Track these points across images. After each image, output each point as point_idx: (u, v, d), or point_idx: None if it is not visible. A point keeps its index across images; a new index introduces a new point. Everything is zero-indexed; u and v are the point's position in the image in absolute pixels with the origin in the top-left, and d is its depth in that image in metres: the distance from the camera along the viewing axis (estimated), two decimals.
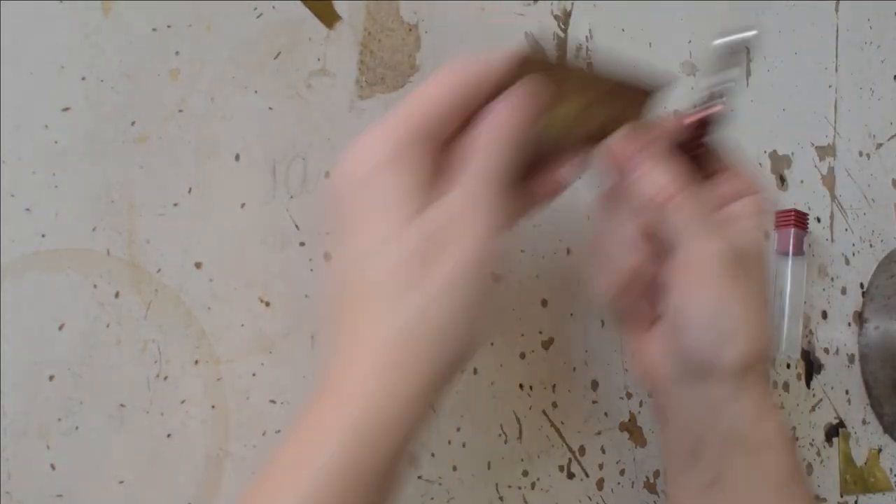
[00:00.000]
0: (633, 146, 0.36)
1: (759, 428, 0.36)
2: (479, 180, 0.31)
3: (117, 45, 0.34)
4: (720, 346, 0.35)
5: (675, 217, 0.35)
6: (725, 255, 0.35)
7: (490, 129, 0.32)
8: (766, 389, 0.37)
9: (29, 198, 0.32)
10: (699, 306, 0.35)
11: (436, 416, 0.40)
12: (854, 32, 0.57)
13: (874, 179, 0.58)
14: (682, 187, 0.35)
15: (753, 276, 0.36)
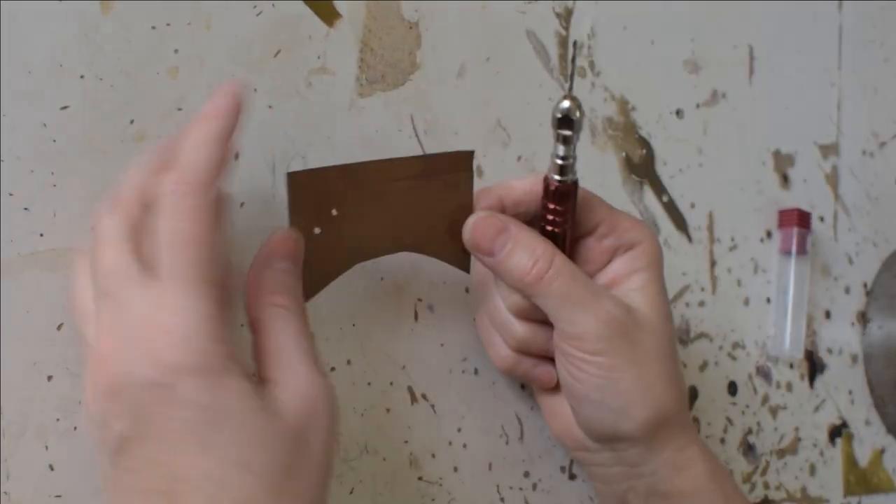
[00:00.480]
0: (491, 228, 0.34)
1: (680, 481, 0.36)
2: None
3: (116, 43, 0.34)
4: (615, 421, 0.35)
5: (546, 296, 0.34)
6: (603, 329, 0.34)
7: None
8: (684, 441, 0.36)
9: (27, 197, 0.32)
10: (583, 386, 0.35)
11: (437, 418, 0.40)
12: (857, 31, 0.57)
13: (878, 178, 0.58)
14: (549, 262, 0.34)
15: (645, 337, 0.35)
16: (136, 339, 0.27)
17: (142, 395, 0.26)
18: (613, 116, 0.46)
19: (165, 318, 0.27)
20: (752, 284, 0.51)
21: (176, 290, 0.27)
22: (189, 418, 0.26)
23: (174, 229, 0.28)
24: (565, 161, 0.34)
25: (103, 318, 0.28)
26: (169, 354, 0.26)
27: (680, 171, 0.49)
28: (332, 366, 0.37)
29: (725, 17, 0.51)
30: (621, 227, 0.36)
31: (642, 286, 0.35)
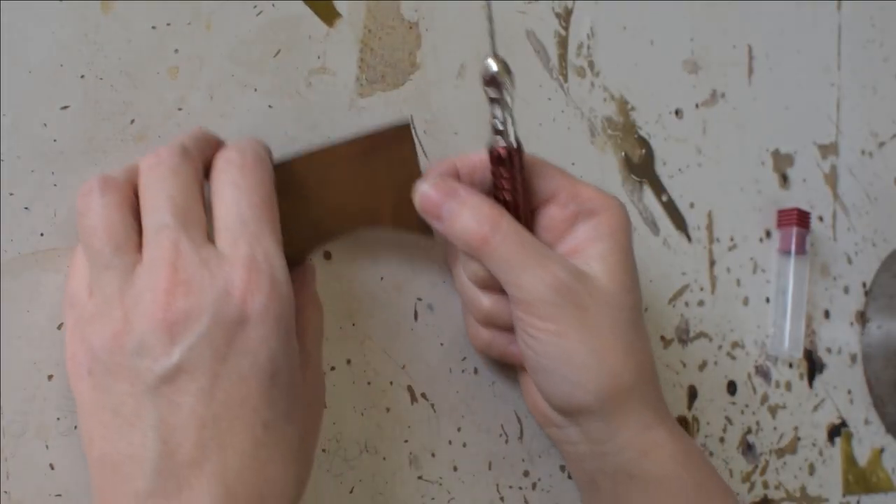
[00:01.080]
0: (439, 193, 0.34)
1: (647, 463, 0.35)
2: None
3: (116, 43, 0.34)
4: (570, 391, 0.34)
5: (493, 259, 0.33)
6: (550, 293, 0.33)
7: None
8: (650, 420, 0.35)
9: (27, 196, 0.32)
10: (536, 354, 0.34)
11: (437, 417, 0.40)
12: (856, 31, 0.57)
13: (877, 178, 0.58)
14: (495, 225, 0.33)
15: (598, 305, 0.34)
16: (221, 275, 0.27)
17: (215, 331, 0.27)
18: (613, 116, 0.47)
19: (255, 262, 0.28)
20: (751, 284, 0.51)
21: (261, 244, 0.28)
22: (257, 362, 0.27)
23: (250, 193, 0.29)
24: (501, 124, 0.34)
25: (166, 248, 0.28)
26: (256, 298, 0.27)
27: (679, 170, 0.49)
28: (332, 365, 0.37)
29: (725, 17, 0.51)
30: (583, 195, 0.35)
31: (602, 255, 0.35)
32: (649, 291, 0.47)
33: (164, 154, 0.30)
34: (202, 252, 0.28)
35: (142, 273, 0.28)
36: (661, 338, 0.47)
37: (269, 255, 0.28)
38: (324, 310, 0.34)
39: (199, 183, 0.30)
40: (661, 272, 0.47)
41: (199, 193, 0.30)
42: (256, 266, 0.28)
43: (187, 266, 0.27)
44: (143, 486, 0.27)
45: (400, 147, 0.35)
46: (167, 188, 0.29)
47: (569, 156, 0.45)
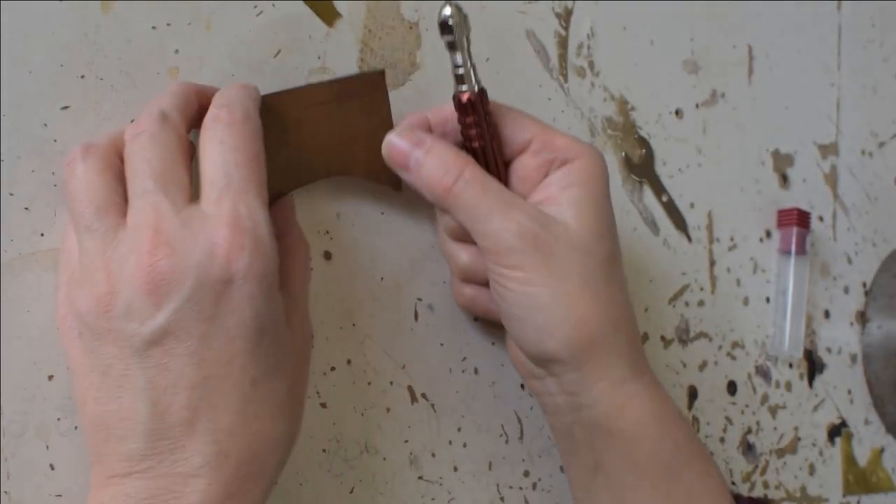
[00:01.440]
0: (406, 143, 0.34)
1: (622, 419, 0.34)
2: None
3: (117, 43, 0.34)
4: (539, 339, 0.34)
5: (457, 208, 0.33)
6: (515, 240, 0.33)
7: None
8: (624, 374, 0.34)
9: (28, 196, 0.32)
10: (506, 303, 0.34)
11: (437, 417, 0.40)
12: (856, 31, 0.57)
13: (877, 178, 0.58)
14: (459, 172, 0.33)
15: (566, 252, 0.33)
16: (203, 236, 0.27)
17: (200, 291, 0.27)
18: (613, 116, 0.47)
19: (238, 220, 0.28)
20: (751, 284, 0.51)
21: (245, 201, 0.28)
22: (243, 321, 0.28)
23: (235, 150, 0.29)
24: (459, 69, 0.34)
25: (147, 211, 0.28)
26: (240, 257, 0.27)
27: (679, 170, 0.49)
28: (332, 365, 0.37)
29: (725, 18, 0.51)
30: (556, 143, 0.35)
31: (575, 202, 0.34)
32: (649, 291, 0.47)
33: (143, 122, 0.30)
34: (184, 213, 0.28)
35: (125, 237, 0.28)
36: (661, 338, 0.47)
37: (252, 212, 0.28)
38: (321, 309, 0.35)
39: (183, 145, 0.30)
40: (661, 272, 0.47)
41: (181, 156, 0.30)
42: (240, 224, 0.28)
43: (169, 228, 0.28)
44: (136, 448, 0.27)
45: (373, 94, 0.35)
46: (146, 155, 0.29)
47: None
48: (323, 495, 0.37)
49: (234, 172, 0.29)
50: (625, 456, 0.35)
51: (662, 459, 0.35)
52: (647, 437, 0.35)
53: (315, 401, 0.37)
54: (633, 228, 0.47)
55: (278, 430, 0.30)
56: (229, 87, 0.32)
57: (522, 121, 0.36)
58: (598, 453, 0.36)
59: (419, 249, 0.40)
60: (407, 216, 0.40)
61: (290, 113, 0.34)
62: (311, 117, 0.34)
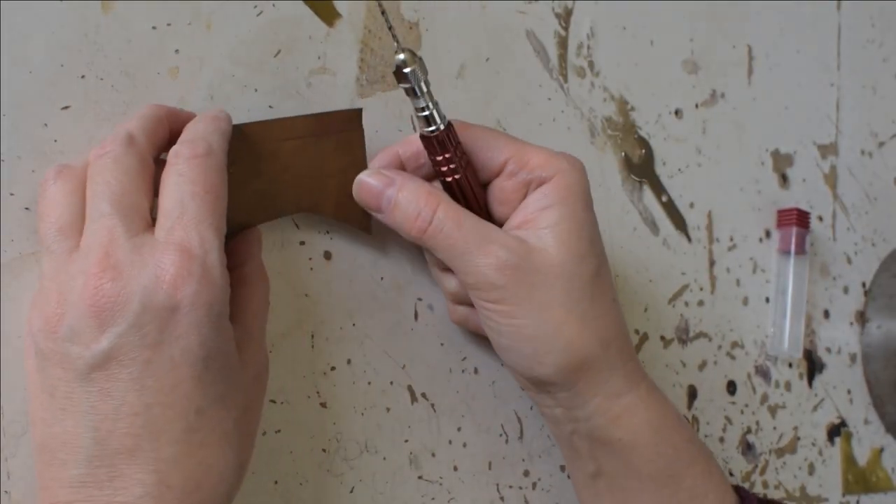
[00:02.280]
0: (376, 184, 0.34)
1: (618, 430, 0.35)
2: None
3: (117, 43, 0.34)
4: (529, 366, 0.34)
5: (435, 249, 0.33)
6: (495, 275, 0.32)
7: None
8: (619, 388, 0.35)
9: (28, 197, 0.32)
10: (494, 333, 0.34)
11: (437, 417, 0.40)
12: (856, 31, 0.57)
13: (876, 178, 0.58)
14: (431, 214, 0.33)
15: (548, 280, 0.33)
16: (152, 262, 0.27)
17: (144, 317, 0.27)
18: (613, 116, 0.47)
19: (188, 248, 0.27)
20: (751, 284, 0.51)
21: (198, 230, 0.28)
22: (189, 348, 0.27)
23: (193, 182, 0.29)
24: (423, 112, 0.33)
25: (101, 234, 0.28)
26: (187, 284, 0.27)
27: (679, 170, 0.49)
28: (333, 365, 0.37)
29: (724, 18, 0.51)
30: (532, 162, 0.34)
31: (554, 223, 0.33)
32: (649, 291, 0.47)
33: (108, 144, 0.30)
34: (137, 239, 0.28)
35: (77, 258, 0.28)
36: (661, 338, 0.47)
37: (204, 241, 0.28)
38: (321, 309, 0.34)
39: (146, 170, 0.30)
40: (660, 272, 0.47)
41: (142, 181, 0.29)
42: (189, 251, 0.27)
43: (118, 252, 0.27)
44: (77, 474, 0.27)
45: (349, 133, 0.35)
46: (107, 177, 0.29)
47: None
48: (323, 495, 0.37)
49: (189, 203, 0.28)
50: (625, 463, 0.35)
51: (663, 464, 0.35)
52: (645, 445, 0.35)
53: (315, 400, 0.37)
54: (633, 228, 0.47)
55: (225, 461, 0.29)
56: (199, 118, 0.32)
57: (496, 143, 0.35)
58: (598, 461, 0.36)
59: (419, 249, 0.40)
60: None
61: (265, 144, 0.34)
62: (284, 151, 0.34)
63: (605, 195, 0.46)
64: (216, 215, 0.29)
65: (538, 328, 0.33)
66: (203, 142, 0.30)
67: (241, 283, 0.32)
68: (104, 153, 0.30)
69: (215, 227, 0.29)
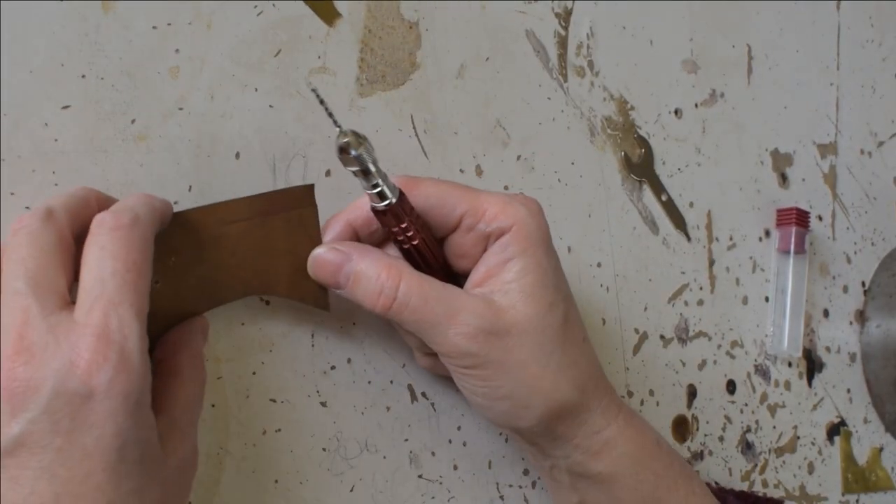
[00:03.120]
0: (332, 262, 0.33)
1: (598, 464, 0.35)
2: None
3: (117, 42, 0.34)
4: (508, 420, 0.34)
5: (402, 322, 0.32)
6: (467, 344, 0.32)
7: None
8: (598, 425, 0.35)
9: (28, 196, 0.32)
10: (469, 393, 0.34)
11: (437, 416, 0.40)
12: (855, 30, 0.57)
13: (876, 177, 0.58)
14: (394, 290, 0.32)
15: (519, 339, 0.32)
16: (66, 345, 0.26)
17: (57, 403, 0.25)
18: (612, 116, 0.47)
19: (105, 332, 0.26)
20: (750, 283, 0.51)
21: (117, 312, 0.26)
22: (103, 437, 0.26)
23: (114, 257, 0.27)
24: (376, 188, 0.32)
25: (16, 314, 0.26)
26: (102, 371, 0.25)
27: (679, 170, 0.49)
28: (333, 364, 0.37)
29: (724, 17, 0.51)
30: (489, 213, 0.33)
31: (517, 276, 0.33)
32: (648, 290, 0.47)
33: (25, 219, 0.28)
34: (53, 318, 0.26)
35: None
36: (661, 337, 0.47)
37: (123, 324, 0.26)
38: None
39: (64, 246, 0.28)
40: (660, 271, 0.48)
41: (59, 258, 0.28)
42: (107, 336, 0.26)
43: (33, 333, 0.26)
44: None
45: (301, 210, 0.33)
46: (22, 253, 0.27)
47: (568, 155, 0.45)
48: (323, 494, 0.37)
49: (109, 281, 0.27)
50: (607, 495, 0.35)
51: (646, 492, 0.35)
52: (625, 475, 0.35)
53: (315, 399, 0.37)
54: (633, 228, 0.47)
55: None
56: (130, 196, 0.31)
57: (449, 198, 0.34)
58: (580, 492, 0.36)
59: None
60: None
61: (208, 230, 0.32)
62: (230, 234, 0.32)
63: (605, 195, 0.46)
64: (137, 294, 0.27)
65: (514, 387, 0.33)
66: (129, 212, 0.28)
67: (173, 372, 0.30)
68: (20, 227, 0.28)
69: (136, 309, 0.27)
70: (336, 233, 0.34)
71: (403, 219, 0.32)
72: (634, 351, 0.46)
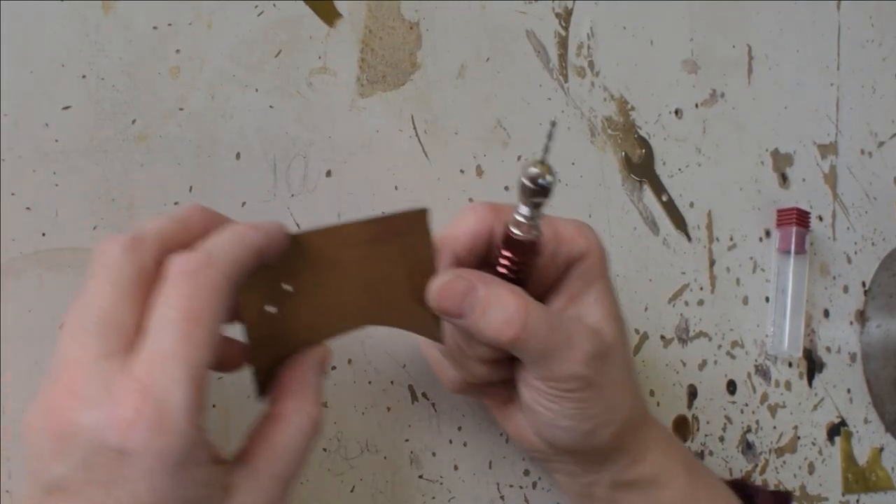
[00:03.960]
0: (457, 291, 0.32)
1: (642, 468, 0.36)
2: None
3: (118, 43, 0.34)
4: (583, 441, 0.35)
5: (523, 351, 0.32)
6: (582, 369, 0.33)
7: None
8: (643, 433, 0.36)
9: (29, 196, 0.32)
10: (553, 415, 0.34)
11: (437, 416, 0.40)
12: (855, 30, 0.57)
13: (876, 177, 0.58)
14: (524, 321, 0.32)
15: (611, 359, 0.34)
16: (110, 397, 0.25)
17: (94, 455, 0.25)
18: (613, 116, 0.47)
19: (149, 388, 0.25)
20: (750, 283, 0.51)
21: (166, 369, 0.25)
22: (137, 494, 0.25)
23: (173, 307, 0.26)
24: (531, 221, 0.32)
25: (76, 351, 0.26)
26: (137, 429, 0.25)
27: (679, 170, 0.49)
28: (333, 365, 0.37)
29: (724, 17, 0.51)
30: (566, 238, 0.34)
31: (599, 299, 0.35)
32: (649, 291, 0.47)
33: (110, 246, 0.27)
34: (107, 364, 0.25)
35: (54, 372, 0.26)
36: (661, 337, 0.47)
37: (169, 379, 0.25)
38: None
39: (143, 281, 0.27)
40: (660, 272, 0.48)
41: (134, 294, 0.27)
42: (148, 392, 0.25)
43: (86, 378, 0.25)
44: None
45: (414, 237, 0.32)
46: (97, 287, 0.27)
47: (569, 155, 0.45)
48: (324, 494, 0.37)
49: (163, 332, 0.26)
50: (647, 497, 0.37)
51: (682, 496, 0.37)
52: (665, 481, 0.37)
53: None
54: (633, 228, 0.47)
55: None
56: (225, 227, 0.29)
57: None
58: (618, 502, 0.38)
59: None
60: None
61: (324, 254, 0.30)
62: (345, 259, 0.31)
63: (605, 195, 0.46)
64: (192, 347, 0.26)
65: (604, 407, 0.34)
66: (202, 254, 0.27)
67: (274, 417, 0.29)
68: (101, 256, 0.27)
69: (188, 363, 0.25)
70: (445, 264, 0.34)
71: (529, 255, 0.33)
72: (635, 351, 0.46)
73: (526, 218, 0.32)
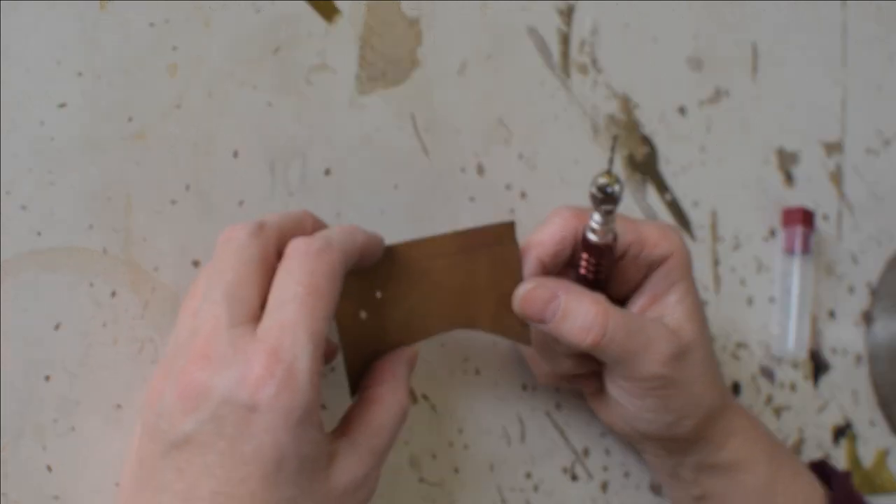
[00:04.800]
0: (540, 299, 0.35)
1: (724, 453, 0.39)
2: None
3: (114, 40, 0.34)
4: (667, 430, 0.37)
5: (603, 354, 0.35)
6: (661, 369, 0.35)
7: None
8: (727, 419, 0.38)
9: (25, 195, 0.32)
10: (637, 409, 0.37)
11: (438, 418, 0.40)
12: (861, 28, 0.57)
13: (882, 177, 0.57)
14: (604, 328, 0.34)
15: (692, 356, 0.36)
16: (242, 359, 0.27)
17: (224, 410, 0.27)
18: (616, 114, 0.46)
19: (277, 350, 0.27)
20: (755, 284, 0.51)
21: (292, 332, 0.28)
22: (260, 448, 0.27)
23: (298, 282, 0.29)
24: (605, 227, 0.34)
25: (207, 320, 0.28)
26: (267, 386, 0.27)
27: (683, 169, 0.48)
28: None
29: (729, 15, 0.51)
30: (650, 242, 0.36)
31: (680, 299, 0.37)
32: None
33: (237, 230, 0.30)
34: (236, 330, 0.28)
35: (185, 339, 0.29)
36: None
37: (295, 345, 0.28)
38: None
39: (266, 263, 0.30)
40: None
41: (258, 273, 0.30)
42: (277, 354, 0.27)
43: (216, 342, 0.28)
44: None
45: (502, 249, 0.35)
46: (226, 264, 0.29)
47: (571, 154, 0.45)
48: None
49: (289, 303, 0.28)
50: (731, 485, 0.39)
51: (765, 480, 0.39)
52: (748, 465, 0.39)
53: None
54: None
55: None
56: (337, 226, 0.33)
57: (622, 230, 0.36)
58: (703, 485, 0.40)
59: None
60: (407, 215, 0.39)
61: (415, 264, 0.34)
62: (435, 269, 0.34)
63: None
64: (314, 318, 0.28)
65: (685, 402, 0.36)
66: (322, 239, 0.30)
67: (371, 399, 0.32)
68: (230, 239, 0.30)
69: (311, 331, 0.28)
70: (531, 269, 0.36)
71: (608, 255, 0.35)
72: None
73: (599, 224, 0.34)
